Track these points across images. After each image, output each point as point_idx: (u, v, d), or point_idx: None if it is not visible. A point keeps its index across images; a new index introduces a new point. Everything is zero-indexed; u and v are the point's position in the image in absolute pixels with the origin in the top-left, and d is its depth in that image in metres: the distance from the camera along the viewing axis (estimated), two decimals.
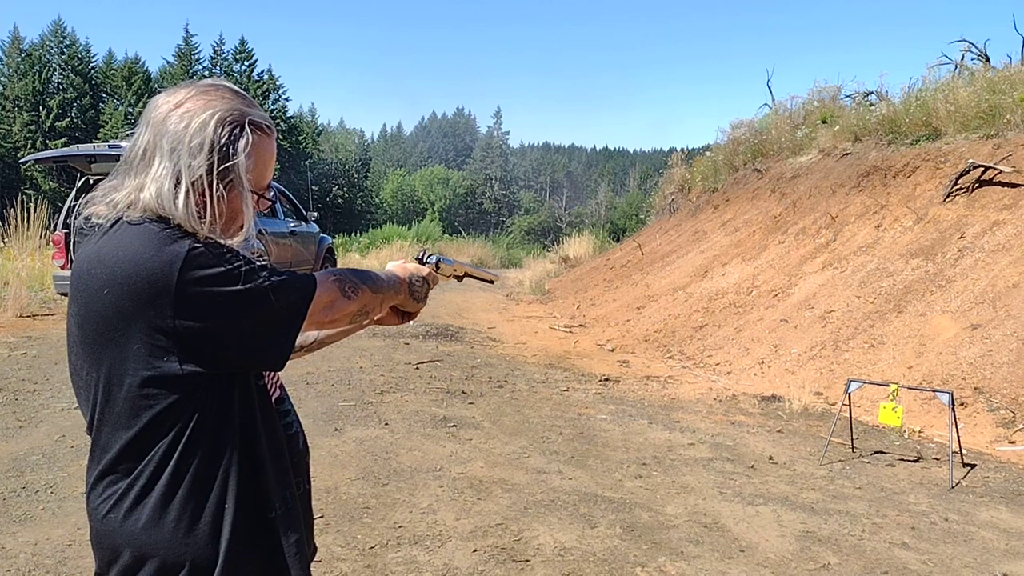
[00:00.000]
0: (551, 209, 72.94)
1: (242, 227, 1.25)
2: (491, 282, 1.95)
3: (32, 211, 10.58)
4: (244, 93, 1.29)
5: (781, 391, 7.10)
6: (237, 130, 1.22)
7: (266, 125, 1.28)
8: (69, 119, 51.49)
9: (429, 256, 1.66)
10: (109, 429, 1.24)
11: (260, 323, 1.21)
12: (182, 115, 1.21)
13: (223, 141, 1.21)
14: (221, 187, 1.21)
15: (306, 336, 1.66)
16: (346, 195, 59.53)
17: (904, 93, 12.67)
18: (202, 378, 1.20)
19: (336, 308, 1.32)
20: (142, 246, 1.16)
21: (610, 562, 3.46)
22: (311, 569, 1.39)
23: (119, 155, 8.72)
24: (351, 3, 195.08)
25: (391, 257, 22.38)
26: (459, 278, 1.76)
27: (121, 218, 1.21)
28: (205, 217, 1.20)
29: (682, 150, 21.87)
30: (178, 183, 1.19)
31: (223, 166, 1.20)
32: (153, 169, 1.20)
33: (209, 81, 1.28)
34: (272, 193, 1.36)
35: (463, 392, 6.66)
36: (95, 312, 1.19)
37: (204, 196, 1.20)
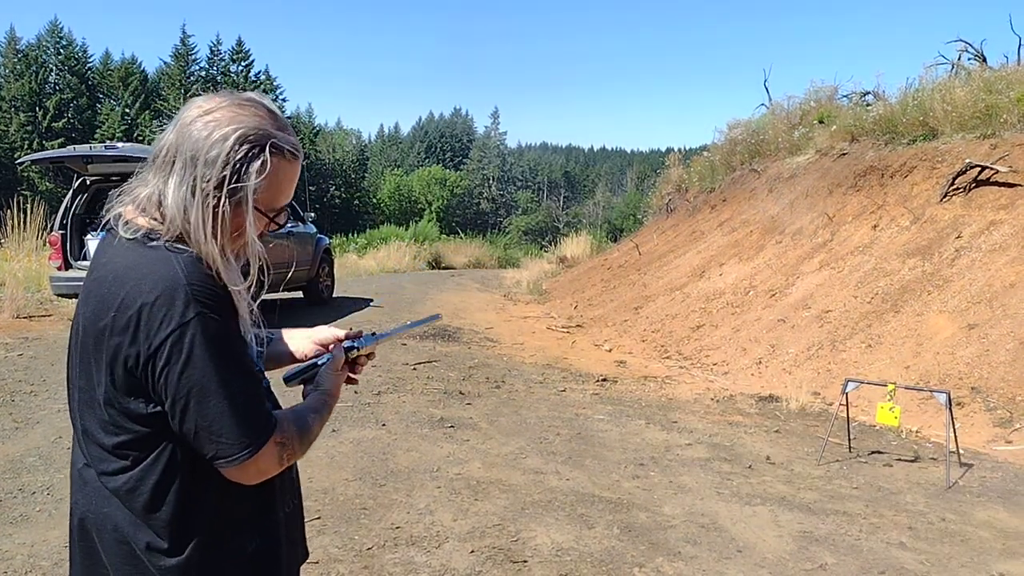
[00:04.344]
0: (548, 209, 72.94)
1: (247, 243, 1.24)
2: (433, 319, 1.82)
3: (29, 212, 10.56)
4: (279, 114, 1.27)
5: (778, 391, 7.11)
6: (255, 150, 1.21)
7: (289, 150, 1.25)
8: (66, 119, 51.40)
9: (353, 342, 1.49)
10: (86, 433, 1.26)
11: (199, 417, 1.17)
12: (207, 123, 1.20)
13: (238, 158, 1.19)
14: (228, 202, 1.20)
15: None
16: (343, 195, 59.51)
17: (901, 93, 12.69)
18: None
19: (265, 475, 1.24)
20: (162, 294, 1.15)
21: (607, 563, 3.46)
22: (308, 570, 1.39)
23: (116, 156, 8.66)
24: (349, 4, 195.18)
25: (388, 257, 22.29)
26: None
27: (151, 236, 1.21)
28: (216, 230, 1.19)
29: (679, 150, 21.85)
30: (193, 193, 1.19)
31: (233, 184, 1.19)
32: (174, 174, 1.20)
33: (248, 95, 1.27)
34: (286, 216, 1.34)
35: (460, 393, 6.65)
36: (97, 328, 1.20)
37: (213, 208, 1.19)
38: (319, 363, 1.43)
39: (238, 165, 1.19)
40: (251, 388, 1.21)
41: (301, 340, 1.53)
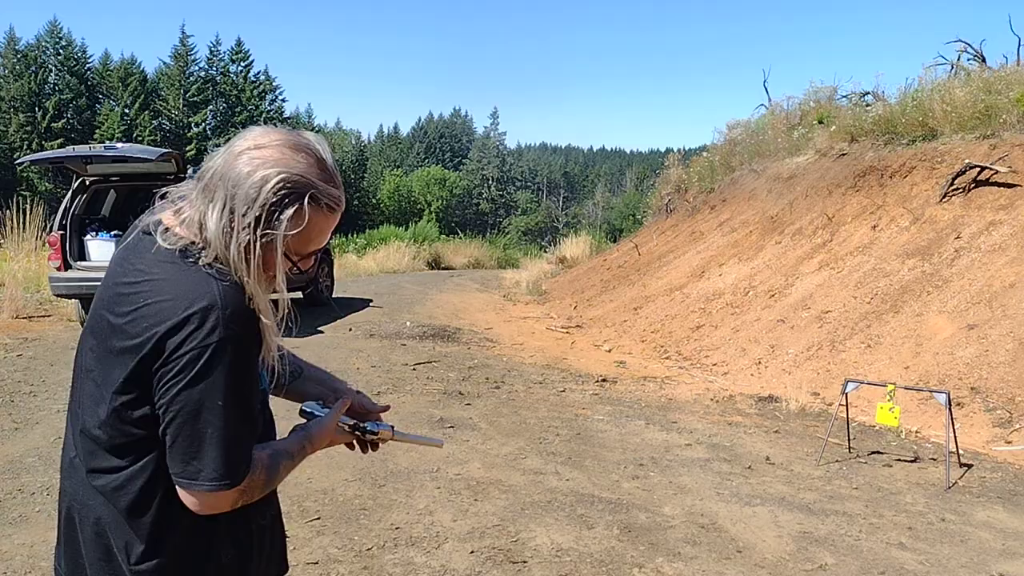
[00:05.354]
0: (548, 209, 73.02)
1: (275, 276, 1.25)
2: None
3: (28, 212, 10.57)
4: (329, 163, 1.26)
5: (778, 391, 7.11)
6: (291, 198, 1.20)
7: (326, 204, 1.25)
8: (65, 120, 51.41)
9: (364, 425, 1.61)
10: (84, 424, 1.27)
11: (181, 428, 1.19)
12: (252, 159, 1.20)
13: (273, 202, 1.19)
14: (259, 241, 1.20)
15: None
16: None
17: (900, 93, 12.71)
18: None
19: (213, 511, 1.24)
20: (195, 312, 1.16)
21: (607, 563, 3.46)
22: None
23: (115, 156, 8.65)
24: (348, 3, 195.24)
25: (388, 258, 22.27)
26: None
27: (189, 251, 1.22)
28: (251, 266, 1.21)
29: (679, 150, 21.86)
30: (230, 226, 1.20)
31: (265, 227, 1.20)
32: (215, 201, 1.21)
33: (306, 139, 1.26)
34: (312, 263, 1.36)
35: (460, 393, 6.65)
36: (122, 328, 1.21)
37: (246, 244, 1.20)
38: (316, 413, 1.53)
39: (272, 209, 1.19)
40: (244, 427, 1.22)
41: (326, 391, 1.63)
